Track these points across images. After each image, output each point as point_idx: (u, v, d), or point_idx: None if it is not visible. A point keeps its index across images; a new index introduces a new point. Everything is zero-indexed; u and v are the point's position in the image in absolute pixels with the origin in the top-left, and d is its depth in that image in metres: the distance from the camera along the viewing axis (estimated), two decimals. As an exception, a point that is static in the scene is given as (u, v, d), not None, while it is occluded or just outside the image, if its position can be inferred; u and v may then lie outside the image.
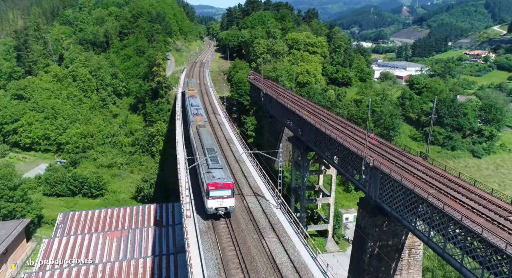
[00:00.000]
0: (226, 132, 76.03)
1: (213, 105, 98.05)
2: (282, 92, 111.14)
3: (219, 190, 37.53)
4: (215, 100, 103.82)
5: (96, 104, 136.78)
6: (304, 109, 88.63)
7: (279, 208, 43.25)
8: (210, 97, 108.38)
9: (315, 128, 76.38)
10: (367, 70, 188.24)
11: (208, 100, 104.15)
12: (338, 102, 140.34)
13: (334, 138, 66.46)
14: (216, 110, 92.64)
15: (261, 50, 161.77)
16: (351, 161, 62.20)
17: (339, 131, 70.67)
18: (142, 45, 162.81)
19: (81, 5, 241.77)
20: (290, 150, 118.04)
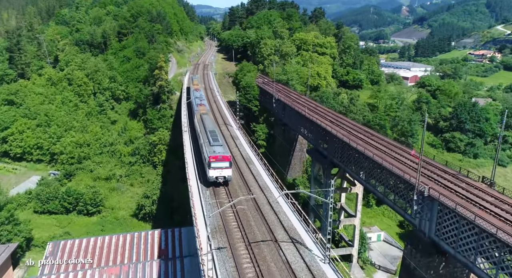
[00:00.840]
0: (242, 148, 65.57)
1: (222, 114, 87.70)
2: (296, 98, 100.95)
3: (219, 162, 44.64)
4: (224, 109, 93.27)
5: (93, 110, 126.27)
6: (325, 119, 78.42)
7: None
8: (219, 105, 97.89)
9: (342, 142, 66.21)
10: (378, 72, 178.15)
11: (217, 109, 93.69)
12: (352, 106, 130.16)
13: (369, 156, 56.17)
14: (227, 120, 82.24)
15: (269, 52, 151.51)
16: (394, 186, 51.95)
17: (372, 146, 60.44)
18: (142, 47, 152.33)
19: (77, 4, 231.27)
20: (305, 161, 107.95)
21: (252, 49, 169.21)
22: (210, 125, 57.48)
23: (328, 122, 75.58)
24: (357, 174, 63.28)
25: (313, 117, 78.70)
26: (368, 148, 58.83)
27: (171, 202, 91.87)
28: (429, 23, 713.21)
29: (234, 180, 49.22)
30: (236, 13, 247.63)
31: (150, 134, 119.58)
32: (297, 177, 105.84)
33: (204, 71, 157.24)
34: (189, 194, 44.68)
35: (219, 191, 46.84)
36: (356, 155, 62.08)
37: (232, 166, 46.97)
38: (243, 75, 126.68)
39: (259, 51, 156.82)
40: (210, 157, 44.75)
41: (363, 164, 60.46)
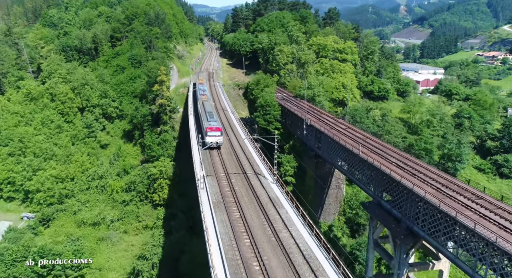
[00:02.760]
0: (289, 222, 42.28)
1: (244, 148, 64.44)
2: (333, 124, 78.60)
3: (213, 131, 59.59)
4: (244, 138, 69.99)
5: (79, 133, 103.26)
6: (389, 161, 56.27)
7: None
8: (237, 132, 74.60)
9: (425, 203, 44.36)
10: (405, 81, 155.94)
11: (236, 139, 70.51)
12: (389, 126, 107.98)
13: (470, 227, 34.50)
14: (251, 159, 58.80)
15: (285, 60, 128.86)
16: None
17: (468, 208, 39.01)
18: (138, 54, 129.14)
19: (67, 4, 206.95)
20: (342, 200, 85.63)
21: (264, 56, 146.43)
22: (208, 108, 70.74)
23: (398, 169, 53.35)
24: (443, 245, 42.04)
25: (371, 158, 56.29)
26: (464, 212, 37.86)
27: (177, 263, 69.18)
28: (430, 23, 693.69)
29: None
30: (240, 14, 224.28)
31: (148, 162, 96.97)
32: (333, 222, 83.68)
33: (211, 81, 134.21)
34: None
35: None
36: (447, 220, 40.48)
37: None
38: (259, 90, 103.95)
39: (273, 59, 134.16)
40: (207, 128, 59.12)
41: (455, 231, 39.16)
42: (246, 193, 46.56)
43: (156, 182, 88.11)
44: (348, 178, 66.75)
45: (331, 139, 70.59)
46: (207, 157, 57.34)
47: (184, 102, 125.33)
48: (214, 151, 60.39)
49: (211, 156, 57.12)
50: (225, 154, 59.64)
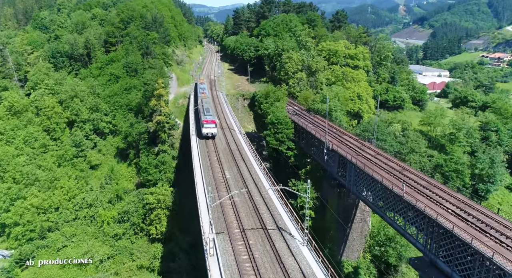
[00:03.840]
0: None
1: (262, 191, 51.70)
2: (359, 148, 66.71)
3: (209, 123, 68.85)
4: (268, 188, 55.24)
5: (66, 153, 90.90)
6: (443, 207, 44.51)
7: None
8: (255, 175, 59.97)
9: None
10: (421, 88, 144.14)
11: (250, 176, 56.95)
12: (413, 143, 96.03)
13: None
14: (272, 209, 46.90)
15: (295, 68, 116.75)
16: None
17: None
18: (134, 62, 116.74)
19: (59, 5, 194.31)
20: (367, 234, 73.68)
21: (270, 63, 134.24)
22: (206, 105, 78.05)
23: (460, 221, 41.50)
24: None
25: (427, 207, 44.34)
26: None
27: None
28: (430, 23, 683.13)
29: None
30: (241, 16, 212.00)
31: (145, 186, 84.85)
32: (358, 260, 71.75)
33: (213, 91, 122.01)
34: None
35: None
36: None
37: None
38: (269, 104, 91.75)
39: (281, 66, 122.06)
40: (204, 121, 69.35)
41: None
42: (272, 267, 34.42)
43: (153, 212, 76.06)
44: (387, 221, 54.63)
45: (360, 170, 58.66)
46: (218, 211, 44.33)
47: (185, 115, 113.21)
48: (227, 205, 45.72)
49: (223, 211, 44.34)
50: (242, 208, 45.86)
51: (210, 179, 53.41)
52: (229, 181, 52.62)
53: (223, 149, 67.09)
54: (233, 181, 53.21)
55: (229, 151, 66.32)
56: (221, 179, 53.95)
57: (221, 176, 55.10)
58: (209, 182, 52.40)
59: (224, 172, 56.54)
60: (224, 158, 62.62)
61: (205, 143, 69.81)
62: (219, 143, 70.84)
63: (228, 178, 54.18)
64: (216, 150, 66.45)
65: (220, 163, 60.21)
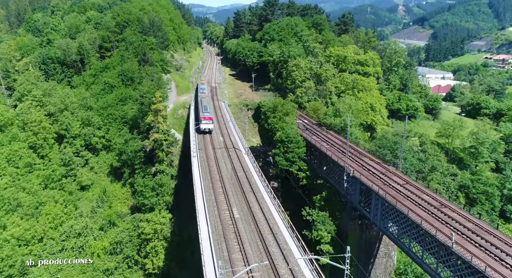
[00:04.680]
0: None
1: (284, 248, 41.80)
2: (384, 175, 58.01)
3: (206, 120, 75.15)
4: (277, 218, 46.18)
5: (54, 173, 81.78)
6: (505, 265, 35.90)
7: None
8: (260, 199, 52.08)
9: None
10: (435, 96, 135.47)
11: (265, 220, 46.50)
12: (435, 161, 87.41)
13: None
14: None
15: (303, 77, 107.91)
16: None
17: None
18: (130, 69, 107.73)
19: (53, 7, 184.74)
20: (392, 272, 64.88)
21: (275, 70, 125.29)
22: (205, 103, 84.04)
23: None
24: None
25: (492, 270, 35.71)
26: None
27: None
28: (431, 24, 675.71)
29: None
30: (242, 18, 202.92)
31: (140, 211, 76.01)
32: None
33: (214, 100, 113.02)
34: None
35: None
36: None
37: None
38: (277, 119, 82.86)
39: (287, 74, 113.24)
40: (202, 117, 75.38)
41: None
42: None
43: (149, 243, 67.22)
44: (428, 273, 45.79)
45: (389, 204, 49.96)
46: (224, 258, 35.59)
47: (185, 128, 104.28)
48: (237, 260, 37.21)
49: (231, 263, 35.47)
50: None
51: (216, 222, 44.53)
52: (239, 226, 43.69)
53: (229, 177, 58.21)
54: (243, 224, 44.30)
55: (236, 180, 57.39)
56: (228, 220, 45.11)
57: (229, 216, 46.30)
58: (215, 226, 43.53)
59: (232, 209, 47.73)
60: (231, 190, 53.75)
61: (208, 169, 60.94)
62: (224, 167, 62.00)
63: (237, 219, 45.39)
64: (221, 177, 57.64)
65: (227, 196, 51.40)
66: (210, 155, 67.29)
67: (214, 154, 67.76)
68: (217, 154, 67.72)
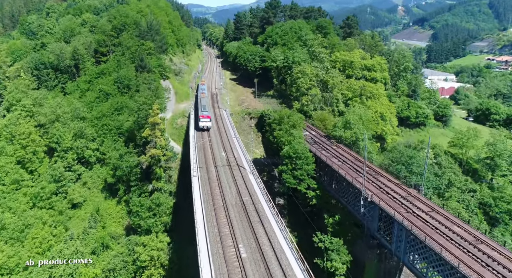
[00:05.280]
0: None
1: None
2: (405, 199, 51.89)
3: (205, 118, 79.10)
4: (292, 261, 40.33)
5: (43, 190, 75.41)
6: None
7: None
8: (270, 232, 45.74)
9: None
10: (444, 102, 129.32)
11: (277, 263, 41.15)
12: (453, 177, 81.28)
13: None
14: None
15: (308, 84, 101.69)
16: None
17: None
18: (126, 76, 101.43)
19: (48, 9, 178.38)
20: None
21: (278, 76, 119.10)
22: (203, 102, 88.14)
23: None
24: None
25: None
26: None
27: None
28: (431, 24, 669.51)
29: None
30: (243, 20, 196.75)
31: (136, 232, 69.83)
32: None
33: (215, 109, 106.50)
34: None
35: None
36: None
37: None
38: (284, 132, 76.63)
39: (292, 81, 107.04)
40: (200, 115, 79.56)
41: None
42: None
43: (145, 271, 61.01)
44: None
45: (415, 237, 43.83)
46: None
47: (184, 138, 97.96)
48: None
49: None
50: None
51: (220, 264, 38.30)
52: (247, 268, 37.45)
53: (234, 203, 51.93)
54: (251, 266, 38.04)
55: (241, 206, 51.10)
56: (234, 262, 38.87)
57: (235, 254, 40.07)
58: (219, 269, 37.33)
59: (238, 246, 41.48)
60: (236, 219, 47.52)
61: (211, 193, 54.66)
62: (228, 190, 55.68)
63: (244, 259, 39.15)
64: (225, 203, 51.38)
65: (232, 227, 45.18)
66: (212, 174, 61.04)
67: (216, 173, 61.50)
68: (219, 173, 61.46)
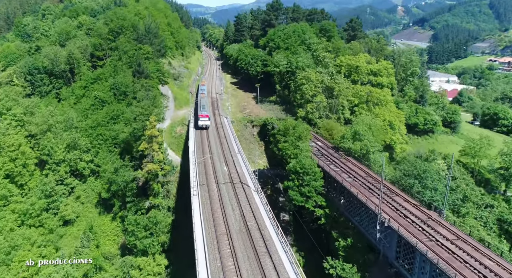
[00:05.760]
0: None
1: None
2: (426, 224, 47.04)
3: (204, 117, 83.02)
4: None
5: (32, 207, 70.37)
6: None
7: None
8: (279, 266, 41.34)
9: None
10: (453, 108, 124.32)
11: None
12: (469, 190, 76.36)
13: None
14: None
15: (313, 91, 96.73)
16: None
17: None
18: (123, 83, 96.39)
19: (44, 10, 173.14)
20: None
21: (281, 82, 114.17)
22: (203, 102, 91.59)
23: None
24: None
25: None
26: None
27: None
28: (431, 25, 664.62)
29: None
30: (243, 22, 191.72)
31: (131, 252, 64.88)
32: None
33: (215, 116, 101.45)
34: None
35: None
36: None
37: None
38: (289, 144, 71.61)
39: (296, 87, 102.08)
40: (200, 115, 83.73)
41: None
42: None
43: (142, 298, 56.08)
44: None
45: (440, 271, 38.97)
46: None
47: (183, 148, 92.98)
48: None
49: None
50: None
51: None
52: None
53: (238, 229, 46.97)
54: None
55: (246, 233, 46.16)
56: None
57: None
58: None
59: (243, 284, 36.71)
60: (241, 249, 42.58)
61: (212, 216, 49.73)
62: (231, 213, 50.74)
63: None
64: (228, 229, 46.45)
65: (236, 260, 40.28)
66: (213, 194, 56.07)
67: (218, 192, 56.54)
68: (221, 192, 56.48)
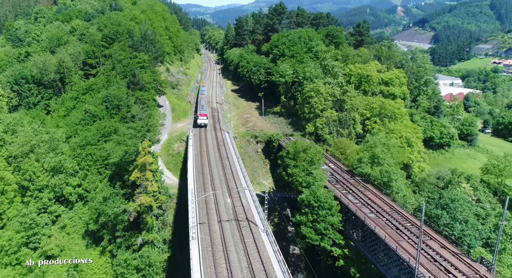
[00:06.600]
0: None
1: None
2: None
3: (202, 116, 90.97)
4: None
5: (9, 244, 61.69)
6: None
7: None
8: None
9: None
10: (469, 119, 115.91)
11: None
12: (505, 225, 67.99)
13: None
14: None
15: (323, 105, 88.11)
16: None
17: None
18: (117, 95, 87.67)
19: (36, 13, 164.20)
20: None
21: (287, 93, 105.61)
22: (202, 102, 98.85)
23: None
24: None
25: None
26: None
27: None
28: (432, 26, 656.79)
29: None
30: (244, 25, 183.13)
31: (123, 295, 56.32)
32: None
33: (217, 131, 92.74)
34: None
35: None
36: None
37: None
38: (300, 170, 63.02)
39: (304, 100, 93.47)
40: (198, 114, 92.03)
41: None
42: None
43: None
44: None
45: None
46: None
47: (181, 168, 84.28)
48: None
49: None
50: None
51: None
52: None
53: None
54: None
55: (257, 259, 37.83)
56: None
57: None
58: None
59: None
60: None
61: (215, 270, 41.29)
62: (237, 264, 42.21)
63: None
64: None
65: None
66: (215, 236, 47.57)
67: (221, 234, 48.06)
68: (225, 235, 47.95)
